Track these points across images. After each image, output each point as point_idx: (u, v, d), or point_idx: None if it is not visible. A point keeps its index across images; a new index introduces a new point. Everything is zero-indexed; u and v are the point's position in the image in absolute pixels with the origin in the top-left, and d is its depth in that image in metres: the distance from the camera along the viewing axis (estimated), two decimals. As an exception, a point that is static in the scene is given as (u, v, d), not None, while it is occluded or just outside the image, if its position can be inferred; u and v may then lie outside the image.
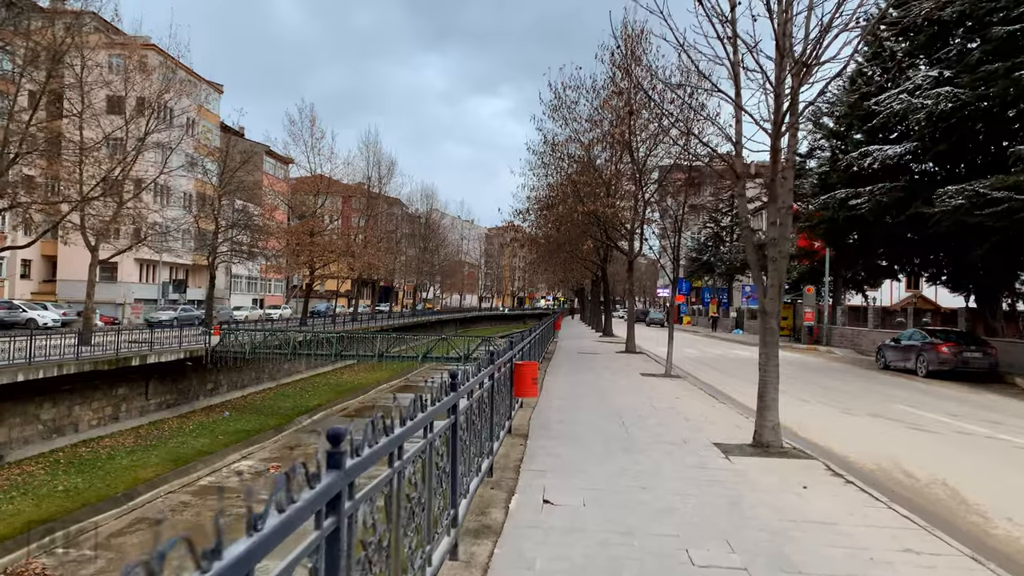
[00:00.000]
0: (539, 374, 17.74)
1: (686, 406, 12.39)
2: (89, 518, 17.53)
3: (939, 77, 20.72)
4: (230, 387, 34.49)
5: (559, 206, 26.37)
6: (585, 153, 25.52)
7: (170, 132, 31.64)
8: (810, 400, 15.69)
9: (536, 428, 9.33)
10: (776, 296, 8.39)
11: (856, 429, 11.78)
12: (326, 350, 32.20)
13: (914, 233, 23.72)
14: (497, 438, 7.08)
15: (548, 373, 17.69)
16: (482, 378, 5.56)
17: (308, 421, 31.86)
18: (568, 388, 14.78)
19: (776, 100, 7.54)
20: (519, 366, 8.53)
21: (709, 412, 11.80)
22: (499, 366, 7.01)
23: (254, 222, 44.33)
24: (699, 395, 14.39)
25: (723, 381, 18.85)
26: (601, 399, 13.03)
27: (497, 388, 7.07)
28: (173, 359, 28.62)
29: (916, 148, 21.56)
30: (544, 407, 11.29)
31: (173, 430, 27.28)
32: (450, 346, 32.08)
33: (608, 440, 8.68)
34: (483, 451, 5.99)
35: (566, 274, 62.66)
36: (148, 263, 53.76)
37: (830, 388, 18.57)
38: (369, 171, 62.12)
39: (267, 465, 24.57)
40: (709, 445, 8.63)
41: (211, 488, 21.98)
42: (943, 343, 21.37)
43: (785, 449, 8.30)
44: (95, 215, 28.72)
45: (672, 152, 24.02)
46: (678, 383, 16.48)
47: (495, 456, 6.91)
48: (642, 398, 13.33)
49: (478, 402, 5.50)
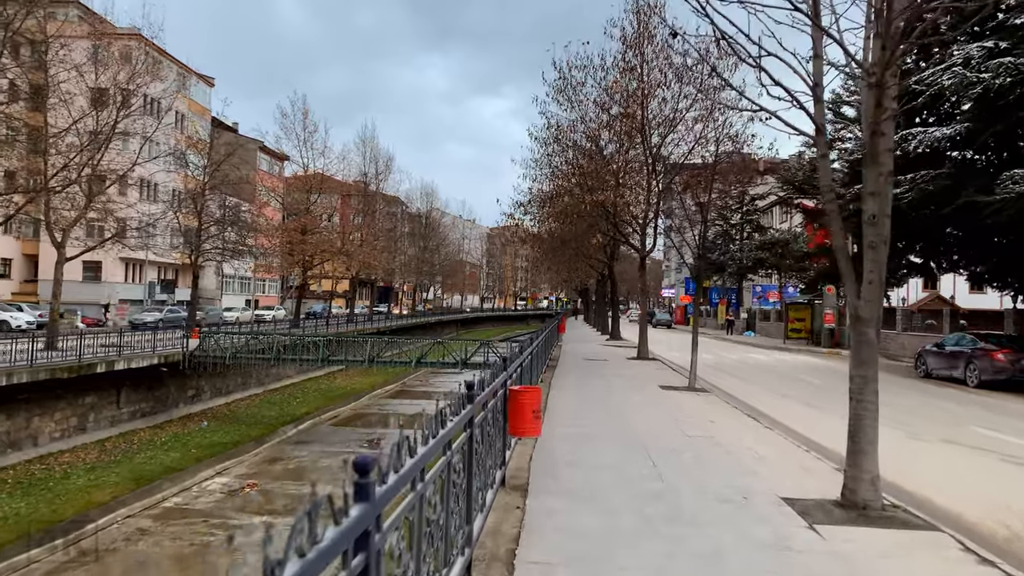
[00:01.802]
0: (542, 387, 15.39)
1: (726, 433, 10.00)
2: (22, 553, 15.16)
3: (994, 49, 18.31)
4: (213, 393, 32.17)
5: (564, 196, 24.04)
6: (592, 143, 23.14)
7: (143, 120, 29.27)
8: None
9: (539, 475, 6.95)
10: (876, 297, 6.03)
11: (942, 463, 9.39)
12: (313, 355, 29.85)
13: (958, 225, 21.30)
14: (481, 508, 4.71)
15: (552, 386, 15.30)
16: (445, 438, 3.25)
17: (294, 431, 29.51)
18: (577, 407, 12.39)
19: (888, 10, 5.18)
20: (516, 394, 6.16)
21: (757, 443, 9.41)
22: (483, 401, 4.66)
23: (242, 219, 42.05)
24: (736, 416, 11.98)
25: (754, 394, 16.45)
26: (619, 424, 10.63)
27: (484, 432, 4.74)
28: (146, 365, 26.34)
29: (967, 129, 19.12)
30: (549, 437, 8.91)
31: (143, 442, 24.96)
32: (446, 350, 29.73)
33: (639, 496, 6.29)
34: (454, 544, 3.65)
35: (570, 273, 60.33)
36: (134, 262, 51.45)
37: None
38: (366, 167, 59.95)
39: (243, 482, 22.18)
40: (778, 503, 6.24)
41: (176, 511, 19.63)
42: (997, 349, 18.94)
43: (888, 512, 5.91)
44: (59, 209, 26.40)
45: (688, 138, 21.71)
46: (706, 399, 14.08)
47: (480, 534, 4.56)
48: (668, 421, 10.94)
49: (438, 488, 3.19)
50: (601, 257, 38.21)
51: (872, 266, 5.99)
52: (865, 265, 6.05)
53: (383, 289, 77.63)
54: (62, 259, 26.61)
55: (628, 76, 20.96)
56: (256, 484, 21.95)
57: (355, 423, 32.33)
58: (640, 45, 21.02)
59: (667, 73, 20.23)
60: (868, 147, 5.86)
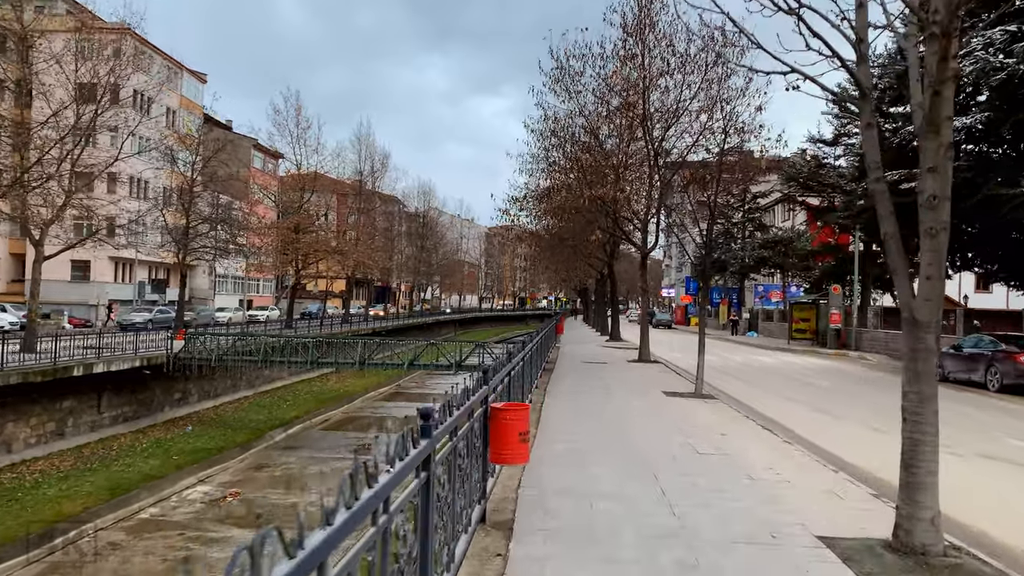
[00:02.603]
0: (537, 394, 14.32)
1: (741, 450, 8.92)
2: (-26, 572, 14.10)
3: (1017, 33, 17.25)
4: (201, 396, 31.14)
5: (562, 191, 22.93)
6: (592, 136, 22.05)
7: (125, 113, 28.17)
8: (886, 429, 12.14)
9: (527, 508, 5.87)
10: (936, 296, 5.00)
11: (987, 485, 8.32)
12: (302, 357, 28.77)
13: (977, 221, 20.23)
14: (447, 568, 3.65)
15: (548, 393, 14.23)
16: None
17: (282, 436, 28.46)
18: (574, 417, 11.32)
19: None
20: (499, 413, 5.09)
21: (778, 461, 8.33)
22: (450, 429, 3.62)
23: (233, 217, 40.93)
24: (750, 428, 10.90)
25: (764, 401, 15.39)
26: (621, 439, 9.56)
27: (451, 469, 3.69)
28: (127, 367, 25.30)
29: (987, 119, 18.05)
30: (540, 457, 7.84)
31: (123, 449, 23.93)
32: (440, 352, 28.70)
33: (649, 538, 5.21)
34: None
35: (568, 272, 59.28)
36: (124, 262, 50.33)
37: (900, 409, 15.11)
38: (361, 165, 58.82)
39: (226, 491, 21.14)
40: (814, 544, 5.18)
41: (151, 522, 18.59)
42: (1020, 352, 17.88)
43: (951, 557, 4.84)
44: (35, 206, 25.33)
45: (693, 129, 20.64)
46: (714, 407, 13.00)
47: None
48: (676, 435, 9.87)
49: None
50: (600, 256, 37.13)
51: (931, 258, 4.96)
52: (923, 257, 5.02)
53: (380, 289, 76.48)
54: (40, 258, 25.60)
55: (629, 65, 19.88)
56: (239, 493, 20.90)
57: (346, 427, 31.28)
58: (641, 32, 19.96)
59: (670, 60, 19.20)
60: (927, 114, 4.83)
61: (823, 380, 21.29)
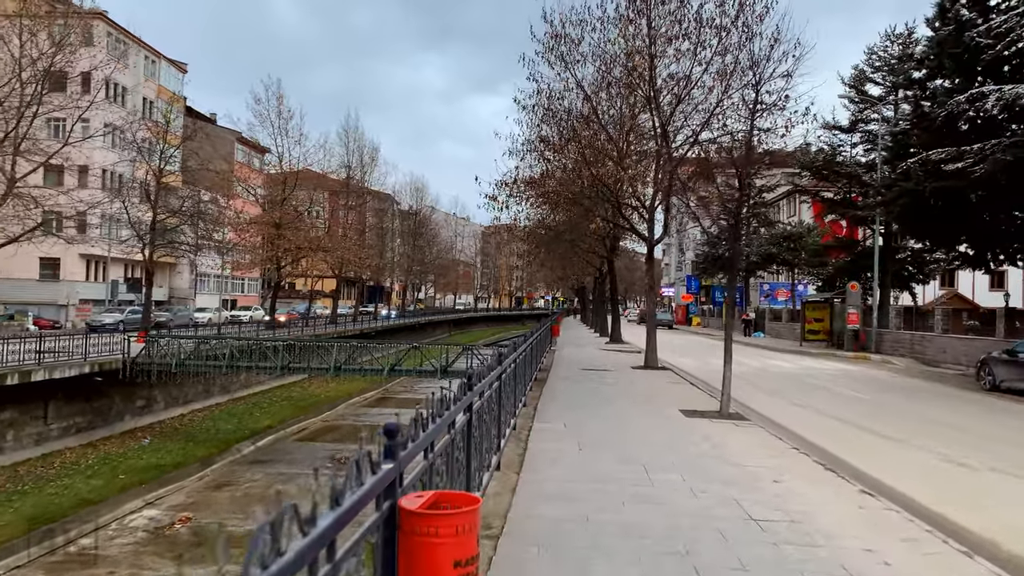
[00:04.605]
0: (527, 409, 11.68)
1: (811, 510, 6.25)
2: None
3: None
4: (168, 403, 28.48)
5: (556, 173, 20.24)
6: (591, 110, 19.40)
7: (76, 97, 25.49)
8: (973, 463, 9.38)
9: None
10: None
11: None
12: (271, 362, 26.08)
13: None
14: None
15: (538, 413, 11.51)
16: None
17: (250, 449, 25.73)
18: (571, 453, 8.61)
19: None
20: (416, 522, 2.45)
21: (867, 529, 5.68)
22: None
23: (206, 211, 38.14)
24: (807, 468, 8.15)
25: (804, 420, 12.75)
26: (635, 490, 6.86)
27: None
28: (74, 374, 22.66)
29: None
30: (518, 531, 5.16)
31: (66, 466, 21.26)
32: (424, 356, 26.01)
33: None
34: None
35: (565, 271, 56.65)
36: (96, 259, 47.62)
37: (964, 429, 12.43)
38: (349, 158, 56.00)
39: (176, 516, 18.42)
40: None
41: (79, 558, 15.90)
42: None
43: None
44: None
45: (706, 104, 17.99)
46: (750, 434, 10.30)
47: None
48: (712, 483, 7.16)
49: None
50: (600, 250, 34.47)
51: None
52: None
53: (372, 288, 73.67)
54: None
55: (631, 28, 17.21)
56: (190, 518, 18.18)
57: (324, 437, 28.58)
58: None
59: (682, 22, 16.55)
60: None
61: (856, 390, 18.63)
